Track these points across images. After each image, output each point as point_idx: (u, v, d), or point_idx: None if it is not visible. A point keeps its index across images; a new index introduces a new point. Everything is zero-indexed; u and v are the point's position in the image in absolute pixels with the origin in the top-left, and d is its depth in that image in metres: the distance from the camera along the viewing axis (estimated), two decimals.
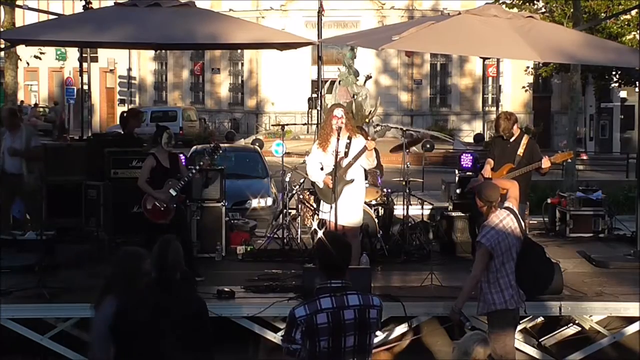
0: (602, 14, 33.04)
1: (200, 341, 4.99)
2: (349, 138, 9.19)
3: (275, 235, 11.68)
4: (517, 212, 7.40)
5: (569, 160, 9.84)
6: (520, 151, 9.96)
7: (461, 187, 12.40)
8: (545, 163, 9.83)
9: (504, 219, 7.23)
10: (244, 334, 9.09)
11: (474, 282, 7.28)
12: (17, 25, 18.19)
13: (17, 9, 18.31)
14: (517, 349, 7.81)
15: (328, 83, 34.23)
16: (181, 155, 10.58)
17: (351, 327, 4.89)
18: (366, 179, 10.93)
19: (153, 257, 5.05)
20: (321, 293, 4.94)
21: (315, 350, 4.86)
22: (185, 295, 5.07)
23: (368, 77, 35.88)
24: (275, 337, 8.88)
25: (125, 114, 12.55)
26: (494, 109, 39.13)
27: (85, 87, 31.99)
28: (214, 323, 8.71)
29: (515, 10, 27.89)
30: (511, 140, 10.11)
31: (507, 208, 7.33)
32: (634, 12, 30.87)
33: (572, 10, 26.33)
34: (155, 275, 5.02)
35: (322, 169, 9.35)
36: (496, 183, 7.73)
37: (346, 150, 9.17)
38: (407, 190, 11.41)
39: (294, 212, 11.87)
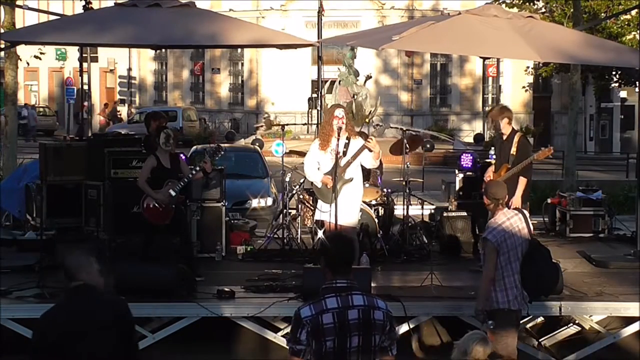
0: (602, 14, 33.05)
1: (126, 344, 4.96)
2: (347, 138, 9.24)
3: (275, 235, 11.68)
4: (526, 214, 7.42)
5: (550, 156, 9.85)
6: (513, 150, 9.90)
7: (464, 186, 12.41)
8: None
9: (512, 218, 7.25)
10: (243, 334, 9.10)
11: (488, 280, 7.25)
12: (17, 25, 18.17)
13: (17, 9, 18.27)
14: (517, 349, 7.80)
15: (328, 83, 34.22)
16: (181, 155, 10.57)
17: (355, 327, 4.87)
18: (368, 180, 10.95)
19: (64, 267, 5.00)
20: (327, 293, 4.92)
21: (321, 351, 4.85)
22: (102, 298, 5.01)
23: (368, 77, 35.86)
24: (276, 337, 8.88)
25: (147, 116, 12.48)
26: None
27: (85, 87, 32.01)
28: (214, 323, 8.83)
29: (515, 10, 27.88)
30: (504, 138, 10.07)
31: (517, 209, 7.35)
32: (634, 12, 30.87)
33: (572, 10, 26.33)
34: (69, 284, 4.95)
35: (318, 168, 9.39)
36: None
37: (344, 150, 9.21)
38: (407, 190, 11.41)
39: (294, 212, 11.87)
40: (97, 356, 4.85)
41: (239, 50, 44.89)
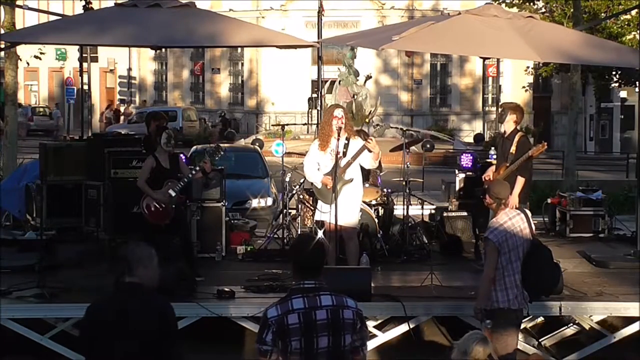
0: (602, 14, 33.04)
1: (167, 346, 4.96)
2: (347, 139, 9.23)
3: (275, 235, 11.68)
4: (528, 213, 7.43)
5: (543, 151, 9.81)
6: (513, 149, 9.86)
7: (464, 186, 12.41)
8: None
9: (513, 218, 7.26)
10: (243, 334, 9.10)
11: (488, 279, 7.25)
12: (17, 25, 18.18)
13: (17, 9, 18.28)
14: (517, 349, 7.81)
15: (328, 83, 34.21)
16: (182, 155, 10.57)
17: (324, 328, 4.87)
18: (368, 180, 10.95)
19: (124, 260, 5.03)
20: (294, 294, 4.94)
21: (287, 351, 4.84)
22: (151, 299, 5.04)
23: (368, 77, 35.87)
24: None
25: (148, 116, 12.49)
26: (494, 109, 39.09)
27: (85, 87, 32.00)
28: (214, 323, 8.83)
29: (515, 10, 27.88)
30: (505, 136, 10.04)
31: (519, 208, 7.37)
32: (634, 12, 30.85)
33: (572, 10, 26.33)
34: (123, 279, 4.99)
35: (318, 169, 9.39)
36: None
37: (344, 150, 9.21)
38: (407, 190, 11.41)
39: (294, 212, 11.86)
40: (130, 357, 4.87)
41: (239, 50, 44.92)
